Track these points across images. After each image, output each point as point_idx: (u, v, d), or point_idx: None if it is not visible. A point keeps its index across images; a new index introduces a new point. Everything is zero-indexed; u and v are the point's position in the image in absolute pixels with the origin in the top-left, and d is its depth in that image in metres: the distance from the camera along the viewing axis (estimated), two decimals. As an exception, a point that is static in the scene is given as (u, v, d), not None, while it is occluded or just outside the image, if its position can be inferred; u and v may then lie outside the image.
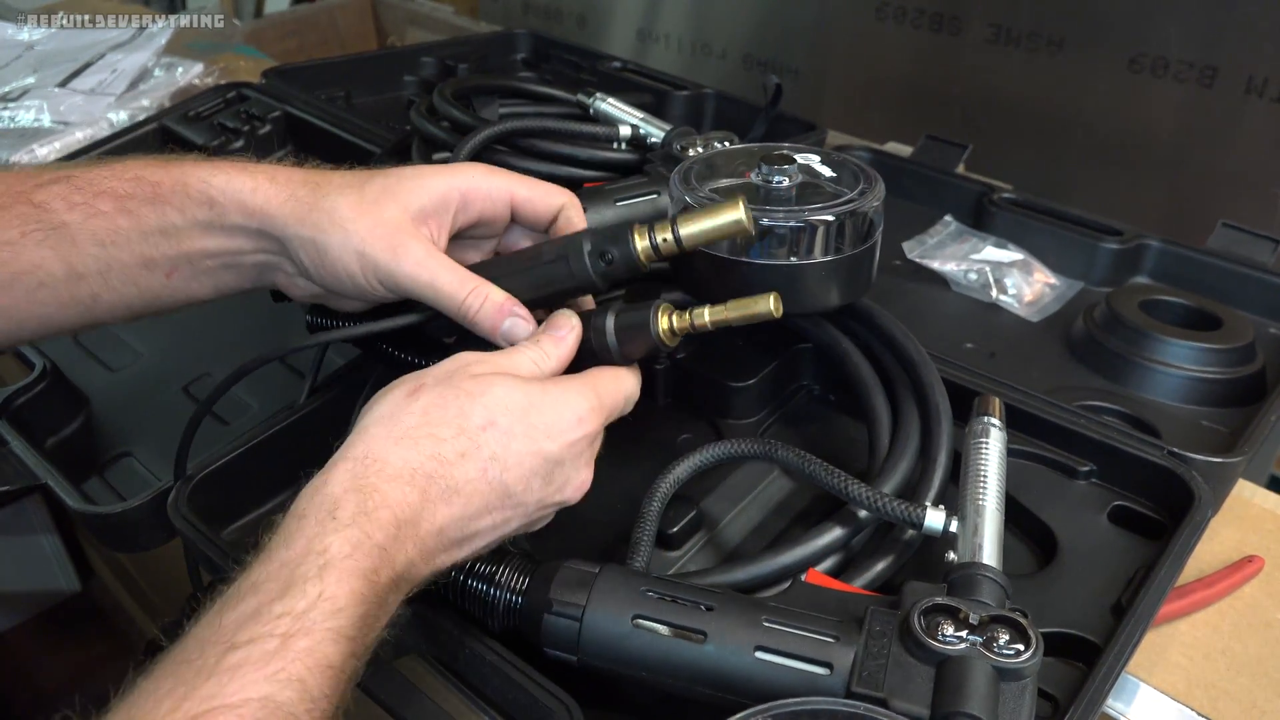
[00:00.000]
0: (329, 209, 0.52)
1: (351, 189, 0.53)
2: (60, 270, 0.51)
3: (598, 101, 0.87)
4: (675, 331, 0.51)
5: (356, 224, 0.51)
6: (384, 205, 0.52)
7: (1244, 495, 0.67)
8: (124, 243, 0.52)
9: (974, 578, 0.45)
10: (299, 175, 0.54)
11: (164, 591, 1.25)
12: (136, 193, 0.52)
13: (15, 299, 0.51)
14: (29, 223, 0.51)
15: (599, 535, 0.62)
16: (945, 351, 0.68)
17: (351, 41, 1.73)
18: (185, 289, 0.54)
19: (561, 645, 0.47)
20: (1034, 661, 0.41)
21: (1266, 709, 0.54)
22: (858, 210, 0.58)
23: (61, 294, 0.52)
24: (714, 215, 0.51)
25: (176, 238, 0.53)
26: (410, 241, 0.51)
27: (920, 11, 1.32)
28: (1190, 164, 1.18)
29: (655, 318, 0.50)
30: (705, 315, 0.50)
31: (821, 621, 0.44)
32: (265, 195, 0.53)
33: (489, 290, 0.52)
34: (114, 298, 0.53)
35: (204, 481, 0.60)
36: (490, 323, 0.51)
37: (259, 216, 0.52)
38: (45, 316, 0.52)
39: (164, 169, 0.53)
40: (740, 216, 0.50)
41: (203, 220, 0.53)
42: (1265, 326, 0.81)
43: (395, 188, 0.53)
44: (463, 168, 0.55)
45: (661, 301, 0.51)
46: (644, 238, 0.52)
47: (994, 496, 0.50)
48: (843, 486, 0.52)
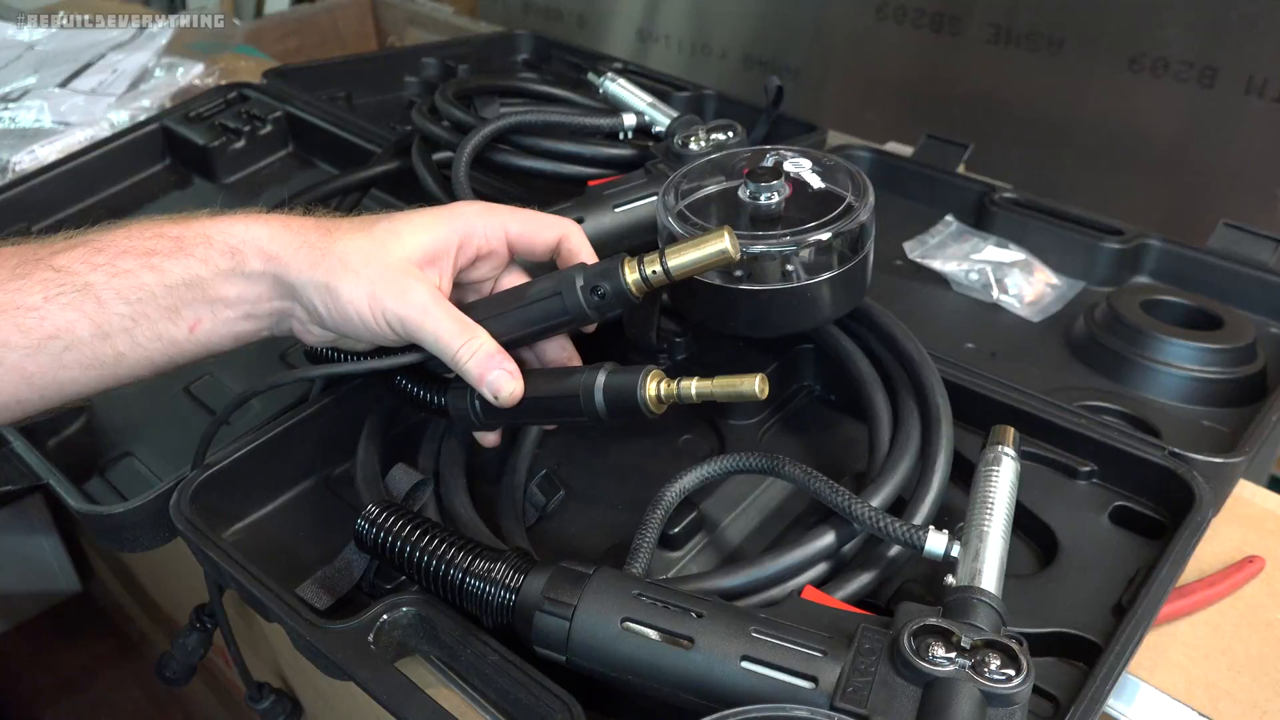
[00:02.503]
0: (341, 254, 0.53)
1: (360, 233, 0.54)
2: (88, 331, 0.51)
3: (607, 82, 0.86)
4: (662, 399, 0.53)
5: (367, 268, 0.53)
6: (391, 248, 0.54)
7: (1244, 495, 0.67)
8: (150, 298, 0.52)
9: (970, 601, 0.44)
10: (310, 222, 0.56)
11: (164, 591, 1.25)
12: (159, 248, 0.53)
13: (42, 365, 0.51)
14: (52, 287, 0.51)
15: (599, 537, 0.62)
16: (946, 351, 0.68)
17: (351, 41, 1.73)
18: (207, 341, 0.55)
19: (551, 644, 0.47)
20: (1024, 688, 0.40)
21: (1267, 709, 0.54)
22: (847, 228, 0.58)
23: (86, 355, 0.52)
24: (701, 247, 0.53)
25: (201, 288, 0.54)
26: (416, 285, 0.53)
27: (920, 11, 1.32)
28: (1190, 164, 1.18)
29: (644, 383, 0.53)
30: (692, 388, 0.52)
31: (811, 636, 0.44)
32: (281, 242, 0.54)
33: (482, 342, 0.54)
34: (139, 355, 0.54)
35: (206, 482, 0.60)
36: (478, 372, 0.54)
37: (275, 262, 0.54)
38: (69, 380, 0.52)
39: (183, 224, 0.55)
40: (726, 247, 0.52)
41: (226, 269, 0.54)
42: (1266, 326, 0.81)
43: (401, 230, 0.55)
44: (459, 209, 0.57)
45: (652, 368, 0.53)
46: (634, 270, 0.54)
47: (999, 524, 0.49)
48: (846, 505, 0.52)
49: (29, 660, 1.50)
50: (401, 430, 0.68)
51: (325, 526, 0.62)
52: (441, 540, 0.51)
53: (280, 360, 0.77)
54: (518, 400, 0.55)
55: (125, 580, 1.43)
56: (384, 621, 0.51)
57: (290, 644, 0.53)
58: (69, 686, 1.46)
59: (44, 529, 1.46)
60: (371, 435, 0.64)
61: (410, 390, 0.60)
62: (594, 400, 0.54)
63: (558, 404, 0.55)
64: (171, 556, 0.69)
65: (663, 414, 0.54)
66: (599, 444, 0.69)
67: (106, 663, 1.49)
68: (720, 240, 0.53)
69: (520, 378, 0.55)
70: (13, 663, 1.49)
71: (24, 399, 0.52)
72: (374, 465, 0.62)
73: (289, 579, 0.57)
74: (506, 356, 0.55)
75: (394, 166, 0.88)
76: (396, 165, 0.88)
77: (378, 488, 0.60)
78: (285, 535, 0.63)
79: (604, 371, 0.54)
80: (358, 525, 0.53)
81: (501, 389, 0.54)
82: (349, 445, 0.64)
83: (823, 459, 0.68)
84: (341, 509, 0.64)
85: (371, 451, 0.63)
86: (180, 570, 0.95)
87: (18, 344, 0.50)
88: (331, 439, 0.66)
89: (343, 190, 0.87)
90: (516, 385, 0.55)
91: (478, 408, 0.57)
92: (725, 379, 0.51)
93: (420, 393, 0.60)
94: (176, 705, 1.42)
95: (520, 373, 0.55)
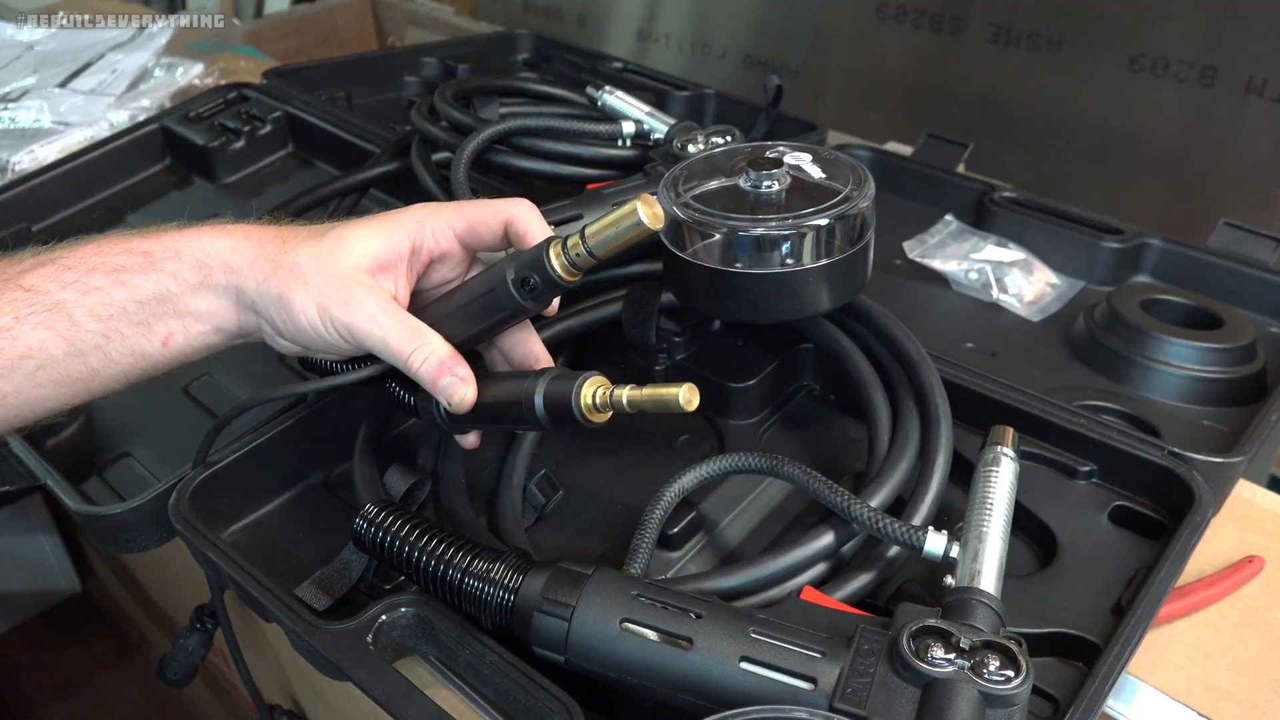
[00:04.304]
0: (292, 264, 0.53)
1: (312, 242, 0.54)
2: (60, 350, 0.51)
3: (605, 95, 0.87)
4: (598, 406, 0.51)
5: (315, 276, 0.52)
6: (340, 256, 0.53)
7: (1244, 495, 0.67)
8: (121, 314, 0.52)
9: (969, 602, 0.44)
10: (270, 232, 0.55)
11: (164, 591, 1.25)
12: (129, 264, 0.53)
13: (16, 385, 0.51)
14: (21, 307, 0.51)
15: (597, 537, 0.62)
16: (945, 351, 0.68)
17: (351, 41, 1.73)
18: (179, 354, 0.55)
19: (550, 645, 0.47)
20: (1023, 689, 0.40)
21: (1267, 709, 0.54)
22: (847, 214, 0.57)
23: (60, 373, 0.52)
24: (617, 220, 0.50)
25: (172, 302, 0.53)
26: (362, 293, 0.52)
27: (920, 11, 1.32)
28: (1190, 164, 1.18)
29: (578, 392, 0.51)
30: (624, 398, 0.50)
31: (810, 636, 0.44)
32: (241, 254, 0.54)
33: (434, 346, 0.53)
34: (113, 370, 0.53)
35: (205, 483, 0.60)
36: (430, 378, 0.53)
37: (236, 275, 0.53)
38: (43, 399, 0.52)
39: (151, 238, 0.54)
40: (639, 218, 0.49)
41: (194, 283, 0.53)
42: (1266, 326, 0.81)
43: (351, 237, 0.54)
44: (407, 213, 0.56)
45: (590, 375, 0.51)
46: (559, 255, 0.52)
47: (998, 525, 0.49)
48: (845, 505, 0.52)
49: (29, 660, 1.50)
50: (401, 431, 0.68)
51: (324, 527, 0.62)
52: (440, 540, 0.51)
53: (278, 361, 0.77)
54: (469, 406, 0.53)
55: (125, 580, 1.43)
56: (382, 622, 0.51)
57: (289, 644, 0.53)
58: (69, 686, 1.46)
59: (44, 529, 1.46)
60: (370, 435, 0.64)
61: (397, 394, 0.59)
62: (534, 409, 0.52)
63: (507, 410, 0.54)
64: (171, 556, 0.69)
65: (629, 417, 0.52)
66: (598, 444, 0.69)
67: (106, 663, 1.49)
68: (631, 211, 0.49)
69: (473, 382, 0.53)
70: (13, 663, 1.49)
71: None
72: (372, 465, 0.62)
73: (287, 579, 0.57)
74: (460, 361, 0.53)
75: (393, 167, 0.88)
76: (396, 166, 0.88)
77: (376, 488, 0.60)
78: (284, 536, 0.62)
79: (544, 379, 0.52)
80: (356, 525, 0.53)
81: (454, 394, 0.53)
82: (347, 446, 0.64)
83: (822, 459, 0.68)
84: (340, 509, 0.64)
85: (370, 451, 0.63)
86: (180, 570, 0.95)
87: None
88: (330, 439, 0.66)
89: (342, 191, 0.87)
90: (468, 390, 0.53)
91: (442, 413, 0.56)
92: (653, 388, 0.49)
93: (405, 397, 0.59)
94: (176, 705, 1.42)
95: (473, 378, 0.54)
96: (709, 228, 0.58)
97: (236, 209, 1.01)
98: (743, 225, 0.56)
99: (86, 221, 1.00)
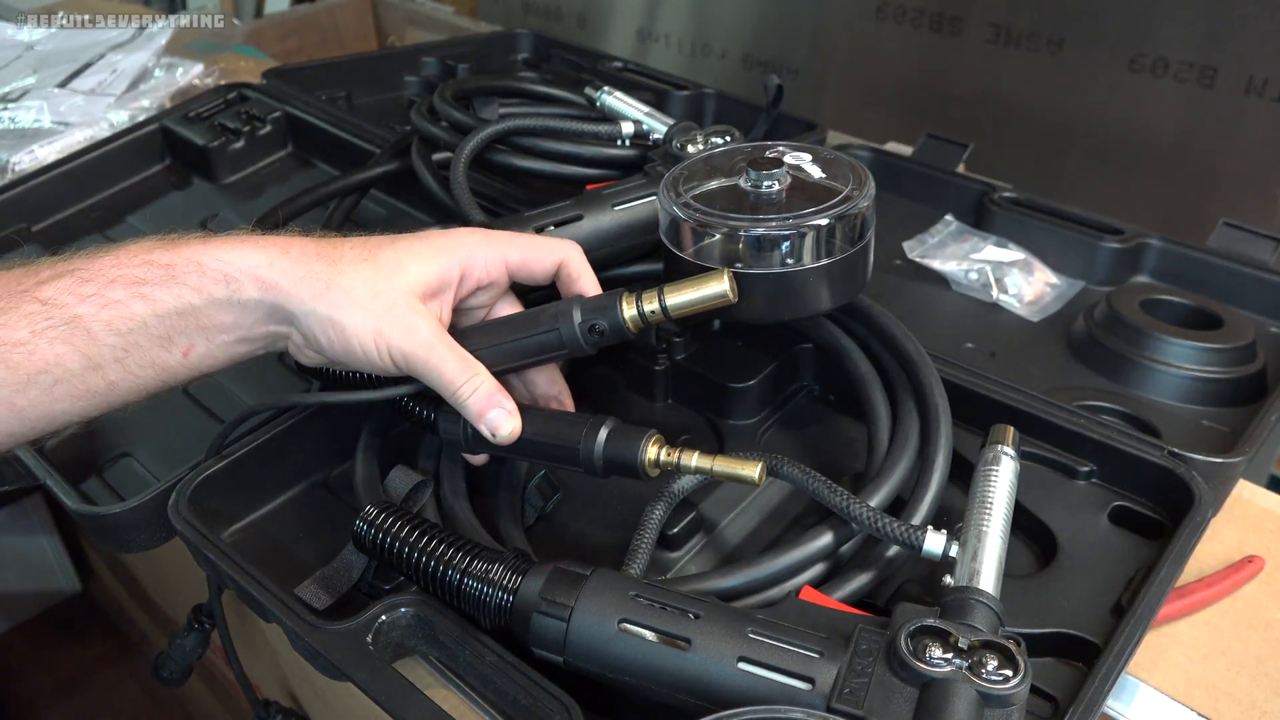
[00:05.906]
0: (346, 286, 0.53)
1: (365, 264, 0.54)
2: (78, 364, 0.51)
3: (604, 96, 0.87)
4: (660, 465, 0.53)
5: (373, 302, 0.53)
6: (396, 280, 0.53)
7: (1244, 495, 0.67)
8: (141, 328, 0.51)
9: (967, 602, 0.44)
10: (311, 248, 0.54)
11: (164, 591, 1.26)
12: (149, 277, 0.52)
13: (32, 399, 0.50)
14: (38, 320, 0.50)
15: (597, 537, 0.62)
16: (945, 351, 0.68)
17: (351, 41, 1.73)
18: (200, 365, 0.54)
19: (548, 645, 0.47)
20: (1021, 689, 0.40)
21: (1266, 709, 0.54)
22: (847, 214, 0.57)
23: (78, 387, 0.51)
24: (700, 287, 0.54)
25: (194, 316, 0.52)
26: (420, 322, 0.53)
27: (920, 11, 1.32)
28: (1190, 164, 1.18)
29: (644, 448, 0.53)
30: (692, 462, 0.53)
31: (808, 636, 0.44)
32: (280, 270, 0.53)
33: (483, 380, 0.54)
34: (132, 383, 0.53)
35: (204, 483, 0.60)
36: (477, 409, 0.54)
37: (275, 291, 0.53)
38: (61, 412, 0.52)
39: (172, 249, 0.53)
40: (725, 290, 0.54)
41: (220, 297, 0.52)
42: (1266, 326, 0.81)
43: (406, 261, 0.54)
44: (461, 239, 0.56)
45: (653, 434, 0.54)
46: (632, 306, 0.55)
47: (998, 524, 0.49)
48: (845, 505, 0.52)
49: (29, 660, 1.50)
50: (401, 432, 0.68)
51: (324, 527, 0.62)
52: (439, 541, 0.51)
53: (279, 362, 0.77)
54: (514, 439, 0.55)
55: (125, 580, 1.43)
56: (382, 622, 0.51)
57: (289, 645, 0.53)
58: (69, 686, 1.46)
59: (44, 529, 1.46)
60: (371, 437, 0.64)
61: (405, 404, 0.60)
62: (593, 456, 0.54)
63: (553, 450, 0.55)
64: (171, 556, 0.69)
65: None
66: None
67: (106, 663, 1.49)
68: (720, 282, 0.54)
69: (518, 417, 0.55)
70: (13, 663, 1.49)
71: (15, 432, 0.51)
72: (373, 466, 0.62)
73: (287, 580, 0.57)
74: (506, 395, 0.55)
75: (393, 167, 0.88)
76: (396, 166, 0.88)
77: (377, 489, 0.60)
78: (284, 536, 0.62)
79: (606, 428, 0.54)
80: (356, 526, 0.53)
81: (500, 428, 0.54)
82: (348, 446, 0.64)
83: (821, 459, 0.68)
84: (340, 509, 0.64)
85: (370, 453, 0.63)
86: (180, 570, 0.95)
87: (6, 380, 0.49)
88: (331, 440, 0.66)
89: (342, 191, 0.87)
90: (515, 425, 0.55)
91: (469, 435, 0.57)
92: (726, 460, 0.52)
93: (415, 408, 0.60)
94: (176, 705, 1.42)
95: (518, 412, 0.55)
96: (709, 228, 0.58)
97: (236, 209, 1.01)
98: (743, 225, 0.57)
99: (86, 222, 1.00)
